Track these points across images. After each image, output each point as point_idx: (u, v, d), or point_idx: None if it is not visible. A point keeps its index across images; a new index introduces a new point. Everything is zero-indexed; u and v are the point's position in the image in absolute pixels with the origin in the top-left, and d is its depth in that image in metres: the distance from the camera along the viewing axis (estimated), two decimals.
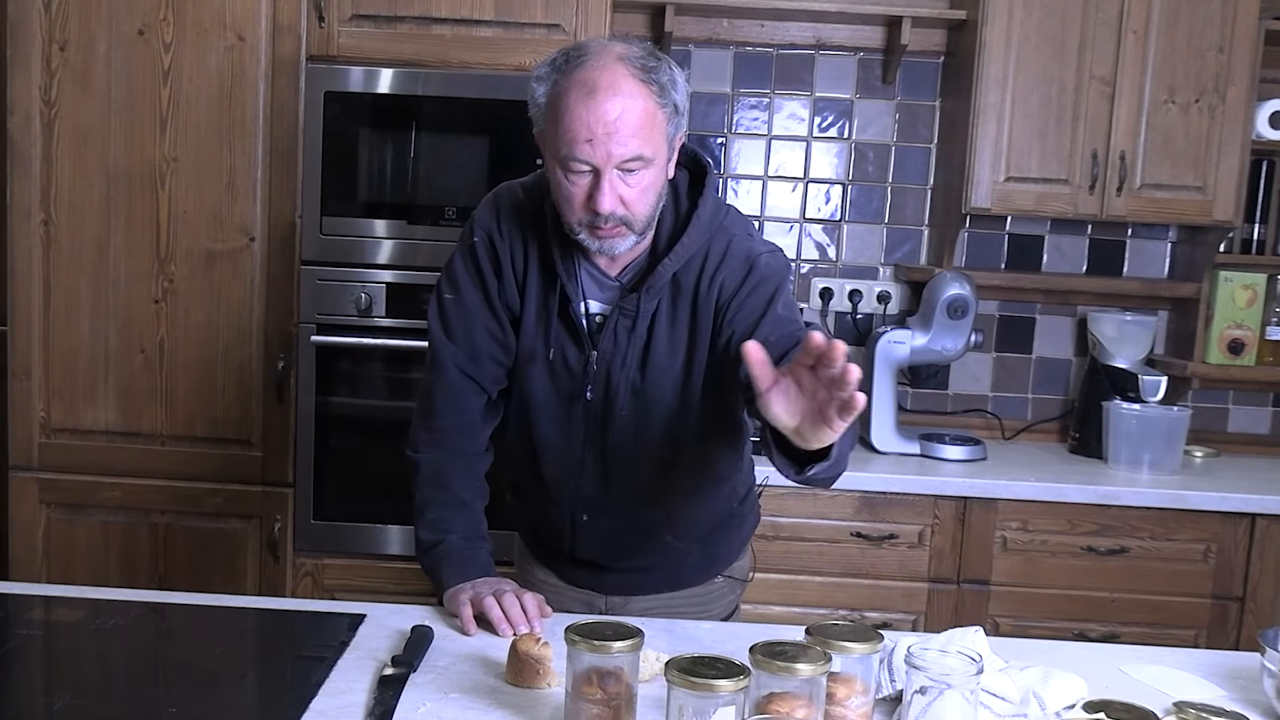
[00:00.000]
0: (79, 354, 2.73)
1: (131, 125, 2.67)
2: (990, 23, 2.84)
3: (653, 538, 1.74)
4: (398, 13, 2.67)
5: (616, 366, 1.62)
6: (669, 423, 1.64)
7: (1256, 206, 3.07)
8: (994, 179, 2.89)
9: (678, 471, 1.69)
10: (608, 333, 1.61)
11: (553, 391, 1.66)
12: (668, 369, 1.62)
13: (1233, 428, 3.29)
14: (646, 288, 1.59)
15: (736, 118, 3.21)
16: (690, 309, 1.61)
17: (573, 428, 1.66)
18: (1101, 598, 2.73)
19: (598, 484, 1.69)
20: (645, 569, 1.77)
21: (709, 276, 1.60)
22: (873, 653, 1.24)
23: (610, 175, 1.48)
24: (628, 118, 1.46)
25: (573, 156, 1.48)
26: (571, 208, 1.52)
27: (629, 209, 1.51)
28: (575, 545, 1.76)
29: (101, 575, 2.74)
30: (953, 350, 2.93)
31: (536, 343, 1.65)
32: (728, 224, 1.64)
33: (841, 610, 2.72)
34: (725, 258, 1.60)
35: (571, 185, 1.51)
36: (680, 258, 1.59)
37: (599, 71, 1.47)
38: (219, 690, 1.37)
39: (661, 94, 1.50)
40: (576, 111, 1.46)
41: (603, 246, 1.54)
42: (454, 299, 1.67)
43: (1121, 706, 1.32)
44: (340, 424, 2.71)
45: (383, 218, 2.65)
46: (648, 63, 1.50)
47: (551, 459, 1.70)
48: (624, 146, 1.47)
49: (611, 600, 1.80)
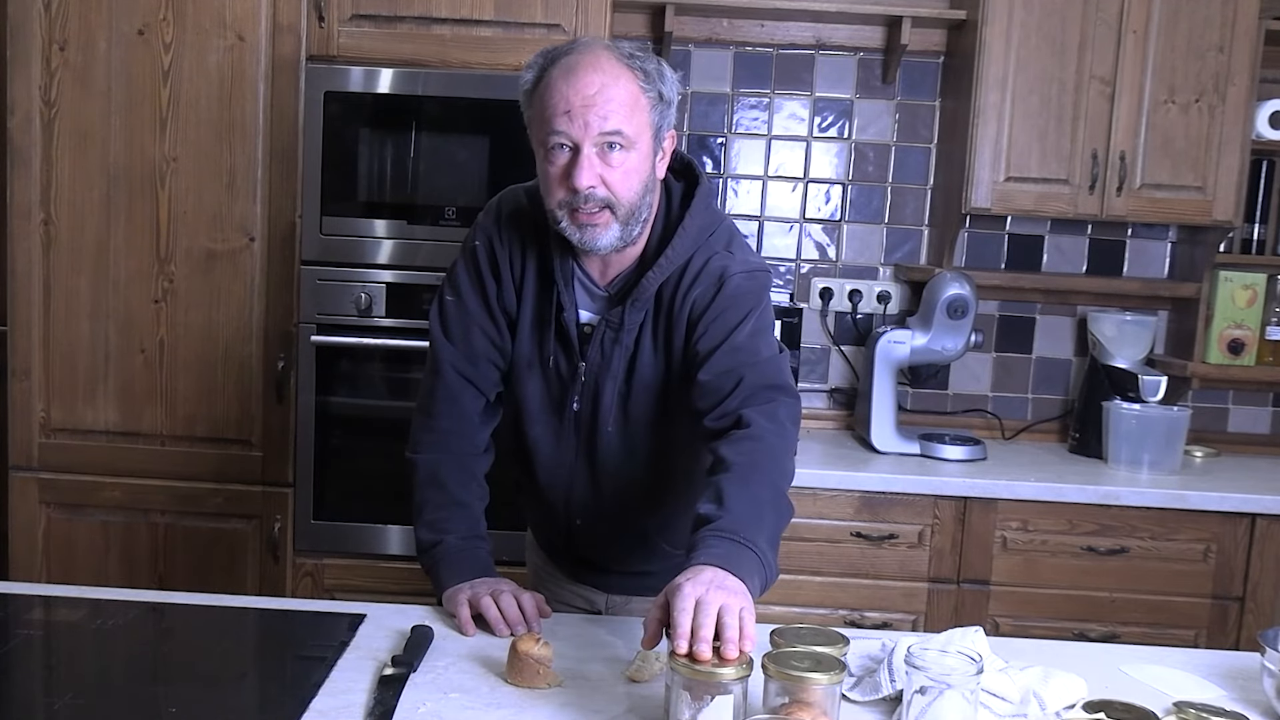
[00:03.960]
0: (79, 354, 2.73)
1: (131, 125, 2.67)
2: (990, 23, 2.84)
3: (648, 544, 1.74)
4: (398, 13, 2.67)
5: (605, 378, 1.60)
6: (655, 435, 1.63)
7: (1256, 206, 3.07)
8: (994, 179, 2.89)
9: (669, 481, 1.68)
10: (594, 344, 1.60)
11: (545, 399, 1.66)
12: (652, 382, 1.60)
13: (1233, 428, 3.29)
14: (632, 300, 1.57)
15: (736, 118, 3.21)
16: (667, 322, 1.58)
17: (563, 436, 1.67)
18: (1101, 598, 2.73)
19: (589, 491, 1.69)
20: (646, 573, 1.76)
21: (683, 292, 1.57)
22: (835, 683, 1.20)
23: (589, 150, 1.47)
24: (607, 92, 1.46)
25: (552, 130, 1.47)
26: (551, 189, 1.50)
27: (611, 190, 1.48)
28: (574, 545, 1.77)
29: (101, 575, 2.74)
30: (953, 350, 2.93)
31: (532, 349, 1.65)
32: (714, 240, 1.60)
33: (841, 610, 2.72)
34: (700, 274, 1.57)
35: (551, 165, 1.49)
36: (664, 270, 1.56)
37: (583, 54, 1.49)
38: (219, 690, 1.36)
39: (646, 79, 1.50)
40: (557, 86, 1.47)
41: (584, 237, 1.51)
42: (455, 301, 1.68)
43: (1121, 706, 1.33)
44: (340, 424, 2.71)
45: (383, 218, 2.65)
46: (634, 51, 1.52)
47: (545, 465, 1.70)
48: (603, 120, 1.45)
49: (613, 599, 1.81)
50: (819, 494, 2.71)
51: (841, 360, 3.27)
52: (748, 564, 1.29)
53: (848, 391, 3.27)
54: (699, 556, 1.28)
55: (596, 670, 1.43)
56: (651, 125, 1.51)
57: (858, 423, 3.13)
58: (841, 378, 3.27)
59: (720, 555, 1.28)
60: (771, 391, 1.50)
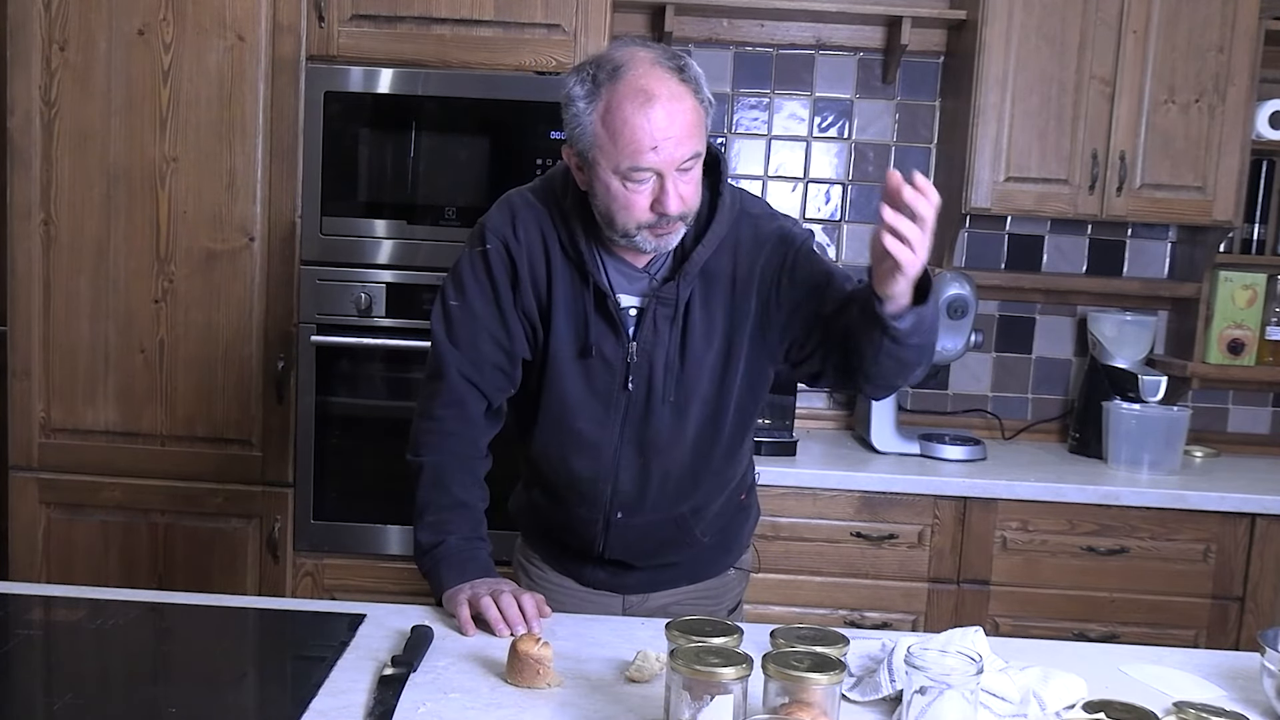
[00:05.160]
0: (79, 354, 2.73)
1: (131, 125, 2.67)
2: (990, 23, 2.84)
3: (682, 531, 1.75)
4: (398, 13, 2.67)
5: (658, 356, 1.64)
6: (707, 408, 1.68)
7: (1256, 206, 3.08)
8: (994, 179, 2.89)
9: (710, 459, 1.71)
10: (647, 323, 1.63)
11: (587, 388, 1.66)
12: (704, 355, 1.65)
13: (1233, 428, 3.29)
14: (683, 275, 1.62)
15: (736, 118, 3.21)
16: (728, 295, 1.64)
17: (609, 423, 1.67)
18: (1101, 598, 2.73)
19: (635, 478, 1.70)
20: (669, 564, 1.79)
21: (746, 262, 1.64)
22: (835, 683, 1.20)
23: (674, 176, 1.52)
24: (682, 119, 1.50)
25: (638, 166, 1.50)
26: (632, 214, 1.54)
27: (686, 205, 1.55)
28: (606, 547, 1.75)
29: (101, 575, 2.74)
30: (953, 350, 2.92)
31: (573, 341, 1.65)
32: (747, 206, 1.68)
33: (841, 610, 2.72)
34: (758, 241, 1.64)
35: (633, 194, 1.53)
36: (712, 244, 1.62)
37: (645, 79, 1.50)
38: (219, 690, 1.37)
39: (698, 90, 1.54)
40: (636, 122, 1.48)
41: (659, 245, 1.58)
42: (460, 305, 1.67)
43: (1121, 706, 1.33)
44: (340, 424, 2.71)
45: (383, 218, 2.65)
46: (678, 62, 1.54)
47: (588, 457, 1.69)
48: (683, 148, 1.51)
49: (629, 599, 1.81)
50: (819, 494, 2.71)
51: None
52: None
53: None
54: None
55: (596, 670, 1.43)
56: (707, 131, 1.57)
57: (858, 423, 3.13)
58: None
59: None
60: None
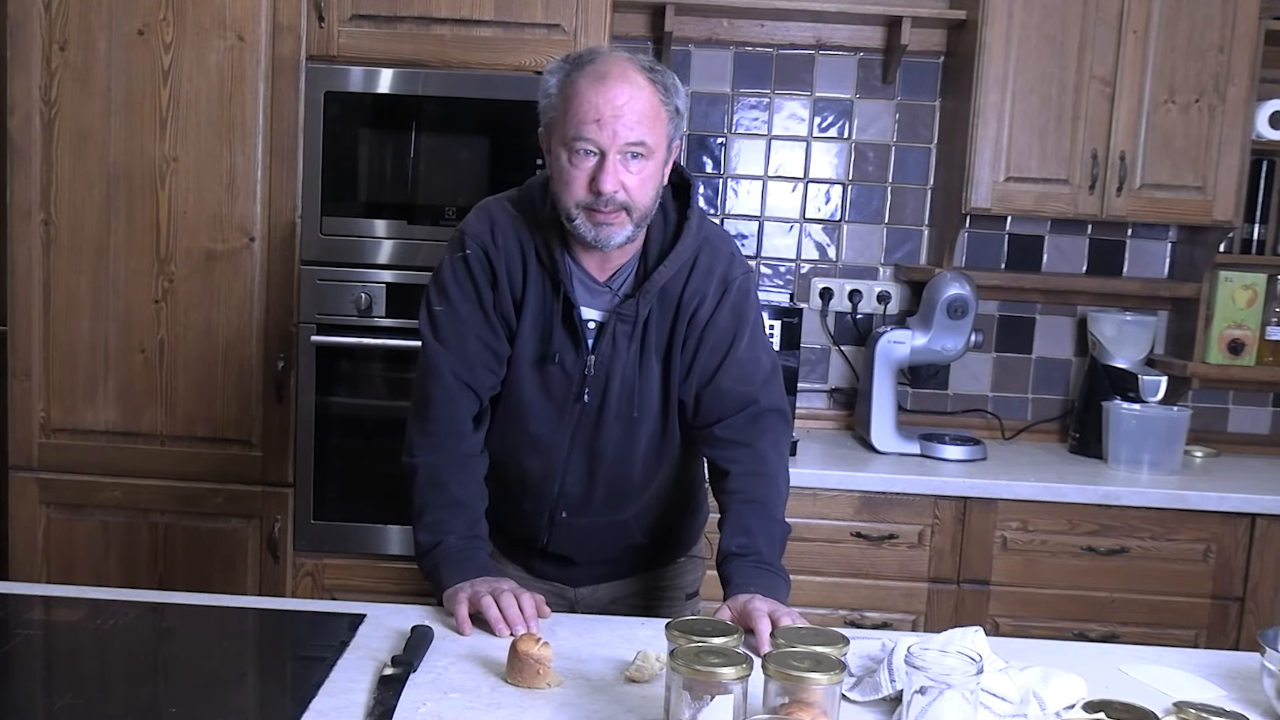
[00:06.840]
0: (79, 354, 2.73)
1: (131, 125, 2.67)
2: (990, 23, 2.84)
3: (624, 534, 1.81)
4: (398, 13, 2.67)
5: (615, 371, 1.67)
6: (656, 425, 1.72)
7: (1256, 206, 3.08)
8: (994, 179, 2.89)
9: (657, 470, 1.77)
10: (607, 337, 1.66)
11: (544, 395, 1.70)
12: (654, 371, 1.69)
13: (1233, 428, 3.29)
14: (643, 293, 1.65)
15: (736, 118, 3.21)
16: (672, 314, 1.68)
17: (562, 429, 1.71)
18: (1101, 598, 2.73)
19: (581, 482, 1.74)
20: (611, 560, 1.85)
21: (692, 288, 1.68)
22: (835, 684, 1.19)
23: (614, 158, 1.55)
24: (635, 105, 1.55)
25: (580, 136, 1.54)
26: (572, 190, 1.57)
27: (629, 195, 1.57)
28: (550, 542, 1.80)
29: (101, 575, 2.74)
30: (953, 350, 2.93)
31: (535, 348, 1.68)
32: (712, 236, 1.72)
33: (841, 610, 2.72)
34: (708, 274, 1.69)
35: (575, 168, 1.56)
36: (674, 264, 1.66)
37: (610, 64, 1.57)
38: (219, 690, 1.36)
39: (665, 93, 1.59)
40: (587, 94, 1.55)
41: (599, 235, 1.59)
42: (445, 310, 1.69)
43: (1121, 706, 1.33)
44: (340, 424, 2.71)
45: (383, 218, 2.65)
46: (654, 65, 1.61)
47: (539, 458, 1.74)
48: (630, 130, 1.54)
49: (580, 591, 1.86)
50: (819, 494, 2.71)
51: (841, 360, 3.27)
52: (781, 586, 1.62)
53: (848, 391, 3.27)
54: (749, 585, 1.58)
55: (596, 670, 1.43)
56: (667, 136, 1.61)
57: (858, 423, 3.13)
58: (841, 378, 3.27)
59: (765, 585, 1.58)
60: (777, 418, 1.74)
